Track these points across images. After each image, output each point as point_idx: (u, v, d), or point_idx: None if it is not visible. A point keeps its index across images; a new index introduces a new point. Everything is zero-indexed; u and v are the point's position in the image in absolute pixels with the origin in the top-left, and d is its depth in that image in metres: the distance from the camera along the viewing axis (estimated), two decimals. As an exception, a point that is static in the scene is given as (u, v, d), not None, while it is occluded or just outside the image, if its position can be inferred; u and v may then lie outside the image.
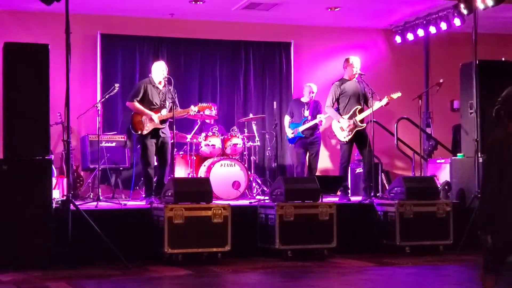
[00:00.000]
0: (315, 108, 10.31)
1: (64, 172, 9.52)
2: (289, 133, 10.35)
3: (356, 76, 9.26)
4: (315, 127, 10.21)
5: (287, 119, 10.59)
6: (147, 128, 8.68)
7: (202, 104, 9.53)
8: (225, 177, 9.67)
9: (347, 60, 9.40)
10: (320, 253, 7.86)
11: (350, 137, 9.16)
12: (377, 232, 8.40)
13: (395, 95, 9.18)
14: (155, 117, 8.67)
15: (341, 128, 9.21)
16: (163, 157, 8.79)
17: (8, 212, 7.11)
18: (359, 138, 9.22)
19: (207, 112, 10.07)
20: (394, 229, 8.11)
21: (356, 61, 9.34)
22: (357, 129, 9.13)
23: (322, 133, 10.71)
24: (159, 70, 8.80)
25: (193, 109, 9.04)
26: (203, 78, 11.54)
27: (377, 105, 9.11)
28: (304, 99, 10.43)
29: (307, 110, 10.27)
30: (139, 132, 8.70)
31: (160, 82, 8.82)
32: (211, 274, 6.88)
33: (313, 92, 10.39)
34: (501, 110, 3.97)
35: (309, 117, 10.20)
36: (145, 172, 8.78)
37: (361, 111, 9.21)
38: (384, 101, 9.12)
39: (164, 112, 8.74)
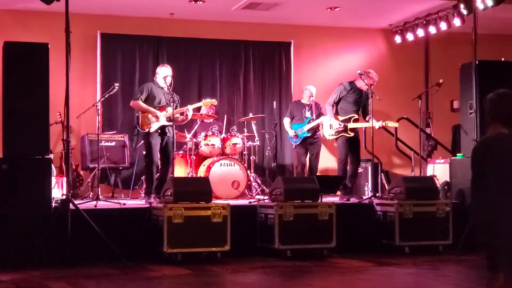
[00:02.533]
0: (317, 108, 10.31)
1: (63, 171, 9.51)
2: (291, 133, 10.29)
3: (365, 87, 9.27)
4: (316, 128, 10.20)
5: (286, 121, 10.55)
6: (154, 126, 8.70)
7: (206, 100, 9.57)
8: (224, 177, 9.67)
9: (368, 73, 9.29)
10: (319, 253, 7.86)
11: (333, 137, 9.34)
12: (377, 232, 8.40)
13: (391, 124, 9.30)
14: (160, 114, 8.70)
15: (330, 126, 9.29)
16: (166, 157, 8.81)
17: (8, 211, 7.10)
18: (352, 143, 9.31)
19: (203, 111, 10.11)
20: (394, 229, 8.11)
21: (374, 77, 9.27)
22: (343, 134, 9.24)
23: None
24: (166, 75, 8.82)
25: (189, 108, 9.05)
26: (203, 77, 11.54)
27: (371, 123, 9.10)
28: (305, 101, 10.43)
29: (308, 111, 10.26)
30: (146, 130, 8.73)
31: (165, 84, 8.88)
32: (211, 274, 6.88)
33: (312, 96, 10.36)
34: (491, 113, 3.98)
35: (314, 117, 10.18)
36: (148, 170, 8.80)
37: (355, 120, 9.27)
38: (378, 124, 9.17)
39: (170, 110, 8.76)
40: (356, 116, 9.31)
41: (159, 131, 8.76)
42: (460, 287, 6.46)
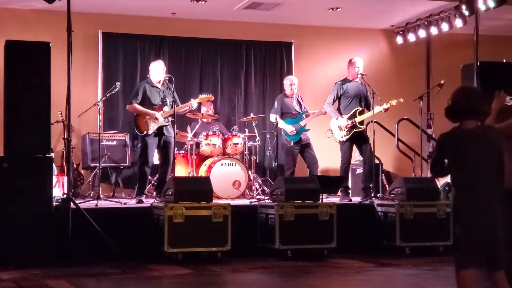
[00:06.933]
0: (302, 101, 10.05)
1: (64, 170, 9.52)
2: (290, 128, 10.03)
3: (358, 76, 9.29)
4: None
5: (276, 117, 9.72)
6: (152, 128, 8.70)
7: (202, 95, 9.55)
8: (225, 177, 9.67)
9: (350, 61, 9.47)
10: (320, 253, 7.86)
11: (347, 137, 9.18)
12: (377, 232, 8.40)
13: (395, 102, 9.21)
14: (159, 115, 8.70)
15: (340, 128, 9.23)
16: (166, 156, 8.81)
17: (8, 210, 7.11)
18: (359, 139, 9.23)
19: (203, 110, 10.06)
20: (394, 230, 8.12)
21: (359, 61, 9.39)
22: (355, 130, 9.15)
23: (319, 132, 10.33)
24: (158, 70, 8.83)
25: (194, 102, 9.08)
26: (204, 77, 11.54)
27: (377, 109, 9.13)
28: (288, 93, 10.02)
29: (297, 105, 10.05)
30: (145, 132, 8.72)
31: (159, 82, 8.85)
32: (211, 273, 6.88)
33: (294, 84, 9.99)
34: (449, 110, 4.12)
35: (306, 111, 9.98)
36: (141, 169, 8.79)
37: (361, 112, 9.23)
38: (385, 106, 9.15)
39: (166, 109, 8.77)
40: (360, 108, 9.26)
41: (156, 131, 8.75)
42: (461, 288, 6.44)
